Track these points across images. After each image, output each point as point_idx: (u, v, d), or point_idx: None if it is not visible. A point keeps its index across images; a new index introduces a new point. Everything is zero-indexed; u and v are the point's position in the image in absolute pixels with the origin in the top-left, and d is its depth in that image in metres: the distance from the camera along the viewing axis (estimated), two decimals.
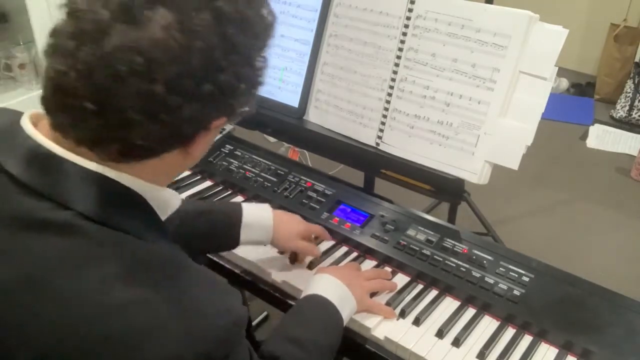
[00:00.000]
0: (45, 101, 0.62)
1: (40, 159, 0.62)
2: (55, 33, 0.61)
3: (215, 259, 1.14)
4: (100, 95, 0.58)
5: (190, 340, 0.58)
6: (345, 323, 0.94)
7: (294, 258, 1.11)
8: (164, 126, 0.61)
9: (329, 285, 0.96)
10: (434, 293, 1.07)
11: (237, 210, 1.06)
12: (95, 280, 0.58)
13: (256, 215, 1.07)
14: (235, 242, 1.05)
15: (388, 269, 1.12)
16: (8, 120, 0.67)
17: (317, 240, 1.17)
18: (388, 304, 1.02)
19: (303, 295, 0.96)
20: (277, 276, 1.08)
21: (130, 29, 0.57)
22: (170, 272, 0.63)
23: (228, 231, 1.04)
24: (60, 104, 0.60)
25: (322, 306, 0.93)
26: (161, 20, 0.58)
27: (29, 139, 0.63)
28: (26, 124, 0.65)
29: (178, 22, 0.58)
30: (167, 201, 0.72)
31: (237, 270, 1.13)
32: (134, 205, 0.66)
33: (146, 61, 0.57)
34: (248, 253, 1.12)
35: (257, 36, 0.66)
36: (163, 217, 0.72)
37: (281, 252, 1.13)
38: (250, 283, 1.11)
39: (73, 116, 0.60)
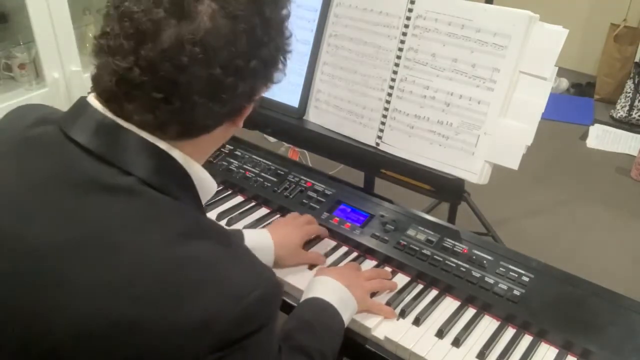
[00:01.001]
0: (108, 93, 0.67)
1: (106, 129, 0.67)
2: (106, 35, 0.66)
3: None
4: (166, 85, 0.64)
5: (239, 297, 0.61)
6: (346, 324, 0.95)
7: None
8: (223, 105, 0.68)
9: (329, 287, 0.96)
10: (434, 293, 1.07)
11: (239, 234, 1.06)
12: (158, 236, 0.62)
13: (256, 238, 1.07)
14: None
15: (388, 269, 1.12)
16: (78, 103, 0.71)
17: (318, 240, 1.17)
18: (388, 303, 1.02)
19: (303, 297, 0.96)
20: (277, 276, 1.08)
21: (183, 23, 0.62)
22: (224, 238, 0.68)
23: None
24: (126, 95, 0.65)
25: (323, 310, 0.93)
26: (208, 10, 0.63)
27: (96, 112, 0.68)
28: (93, 100, 0.69)
29: (222, 9, 0.64)
30: (209, 185, 0.76)
31: None
32: (185, 182, 0.71)
33: (202, 49, 0.63)
34: None
35: (284, 6, 0.72)
36: (203, 201, 0.76)
37: None
38: None
39: (141, 105, 0.65)
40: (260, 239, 1.08)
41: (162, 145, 0.68)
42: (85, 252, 0.61)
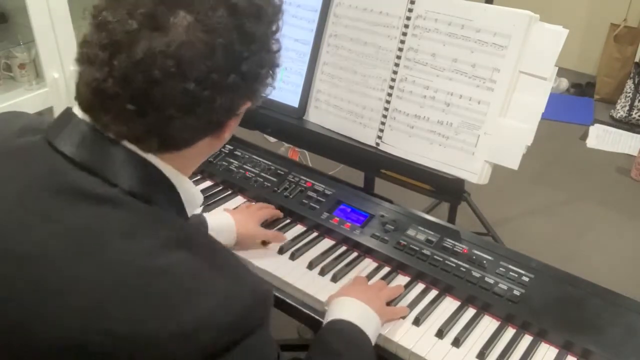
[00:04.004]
0: (86, 103, 0.67)
1: (91, 140, 0.67)
2: (86, 44, 0.65)
3: None
4: (140, 97, 0.63)
5: (228, 304, 0.61)
6: (373, 342, 0.93)
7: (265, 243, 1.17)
8: (199, 119, 0.66)
9: (350, 308, 0.95)
10: (434, 293, 1.07)
11: (201, 218, 1.09)
12: (141, 247, 0.62)
13: (217, 219, 1.11)
14: None
15: (388, 268, 1.12)
16: (64, 113, 0.71)
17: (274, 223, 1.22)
18: (388, 304, 1.02)
19: (326, 320, 0.95)
20: (277, 276, 1.08)
21: (157, 35, 0.62)
22: (209, 245, 0.68)
23: None
24: (102, 105, 0.65)
25: (349, 333, 0.91)
26: (183, 23, 0.62)
27: (80, 123, 0.67)
28: (78, 111, 0.69)
29: (198, 22, 0.63)
30: (194, 196, 0.76)
31: None
32: (170, 193, 0.71)
33: (176, 63, 0.62)
34: (247, 253, 1.12)
35: (271, 22, 0.70)
36: (189, 213, 0.76)
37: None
38: None
39: (115, 115, 0.65)
40: (222, 219, 1.13)
41: (149, 157, 0.68)
42: (68, 262, 0.60)
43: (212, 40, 0.63)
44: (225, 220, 1.12)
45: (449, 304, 1.04)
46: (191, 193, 0.75)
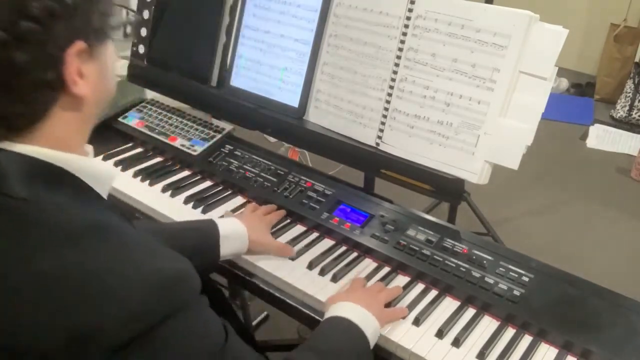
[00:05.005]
0: None
1: None
2: None
3: None
4: None
5: (111, 304, 0.57)
6: (372, 344, 0.92)
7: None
8: (18, 83, 0.60)
9: (349, 310, 0.94)
10: (434, 293, 1.07)
11: (212, 224, 1.07)
12: (19, 252, 0.58)
13: (230, 226, 1.09)
14: (215, 257, 1.05)
15: (388, 268, 1.12)
16: None
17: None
18: (387, 305, 1.02)
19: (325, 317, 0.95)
20: (278, 276, 1.08)
21: None
22: (93, 237, 0.61)
23: (208, 246, 1.05)
24: None
25: (348, 327, 0.91)
26: None
27: None
28: None
29: None
30: (99, 172, 0.69)
31: (236, 271, 1.13)
32: (59, 179, 0.64)
33: None
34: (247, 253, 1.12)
35: None
36: (103, 191, 0.70)
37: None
38: (251, 283, 1.11)
39: None
40: (234, 224, 1.10)
41: (6, 145, 0.62)
42: None
43: None
44: (238, 228, 1.09)
45: (449, 304, 1.04)
46: (92, 169, 0.67)
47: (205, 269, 1.04)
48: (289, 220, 1.23)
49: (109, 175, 0.71)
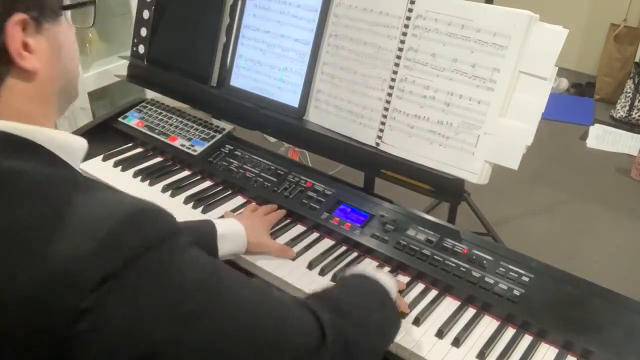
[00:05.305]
0: None
1: None
2: None
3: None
4: None
5: (82, 237, 0.56)
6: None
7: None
8: None
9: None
10: (434, 293, 1.07)
11: (210, 224, 1.07)
12: None
13: (228, 226, 1.09)
14: (214, 257, 1.05)
15: (388, 268, 1.12)
16: None
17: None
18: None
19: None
20: (278, 276, 1.08)
21: None
22: (60, 186, 0.60)
23: (205, 246, 1.05)
24: None
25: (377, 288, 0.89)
26: None
27: None
28: None
29: None
30: (68, 142, 0.68)
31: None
32: (25, 149, 0.63)
33: None
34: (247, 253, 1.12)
35: None
36: (75, 162, 0.69)
37: None
38: None
39: None
40: (232, 224, 1.10)
41: None
42: None
43: None
44: (237, 228, 1.10)
45: (449, 304, 1.04)
46: (60, 140, 0.67)
47: None
48: (289, 220, 1.23)
49: (79, 146, 0.70)
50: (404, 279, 1.10)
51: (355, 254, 1.15)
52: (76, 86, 0.76)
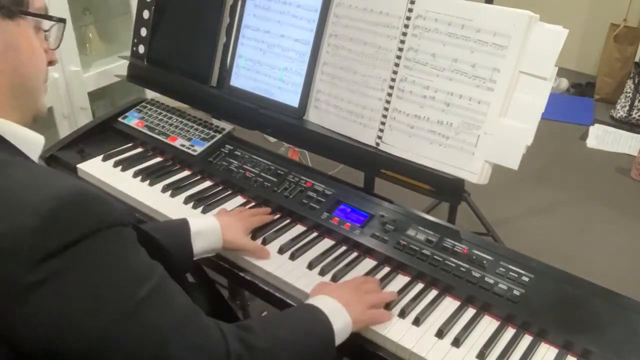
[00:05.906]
0: None
1: None
2: None
3: (215, 259, 1.14)
4: None
5: (24, 215, 0.58)
6: (338, 339, 0.90)
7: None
8: None
9: (326, 302, 0.93)
10: (434, 293, 1.07)
11: (184, 222, 1.08)
12: None
13: (202, 222, 1.09)
14: (189, 254, 1.06)
15: (388, 268, 1.12)
16: None
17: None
18: (387, 304, 1.02)
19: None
20: (278, 276, 1.08)
21: None
22: (8, 167, 0.64)
23: (180, 244, 1.04)
24: None
25: (311, 312, 0.90)
26: None
27: None
28: None
29: None
30: (26, 135, 0.73)
31: (236, 271, 1.13)
32: None
33: None
34: (246, 252, 1.12)
35: None
36: (33, 155, 0.73)
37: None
38: (251, 283, 1.11)
39: None
40: (207, 222, 1.10)
41: None
42: None
43: None
44: (211, 224, 1.10)
45: (449, 304, 1.04)
46: (18, 132, 0.71)
47: (181, 265, 1.05)
48: (289, 220, 1.23)
49: (36, 140, 0.74)
50: (404, 279, 1.10)
51: (355, 254, 1.15)
52: (35, 94, 0.78)
